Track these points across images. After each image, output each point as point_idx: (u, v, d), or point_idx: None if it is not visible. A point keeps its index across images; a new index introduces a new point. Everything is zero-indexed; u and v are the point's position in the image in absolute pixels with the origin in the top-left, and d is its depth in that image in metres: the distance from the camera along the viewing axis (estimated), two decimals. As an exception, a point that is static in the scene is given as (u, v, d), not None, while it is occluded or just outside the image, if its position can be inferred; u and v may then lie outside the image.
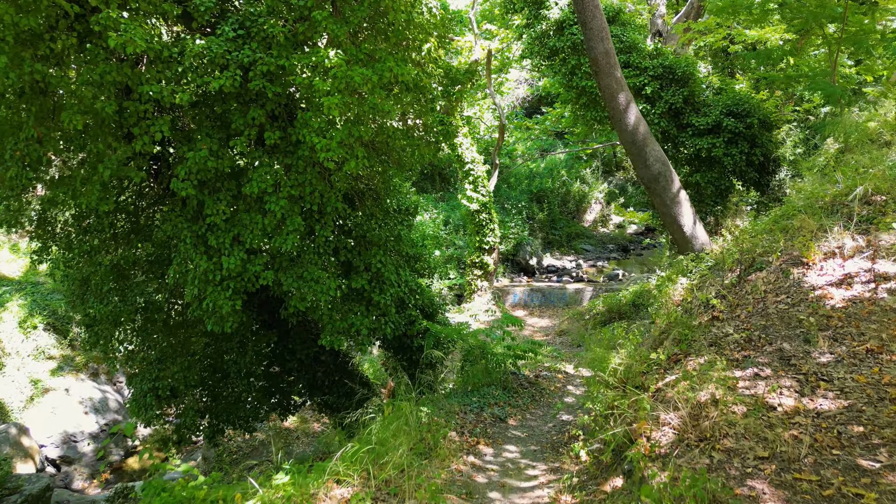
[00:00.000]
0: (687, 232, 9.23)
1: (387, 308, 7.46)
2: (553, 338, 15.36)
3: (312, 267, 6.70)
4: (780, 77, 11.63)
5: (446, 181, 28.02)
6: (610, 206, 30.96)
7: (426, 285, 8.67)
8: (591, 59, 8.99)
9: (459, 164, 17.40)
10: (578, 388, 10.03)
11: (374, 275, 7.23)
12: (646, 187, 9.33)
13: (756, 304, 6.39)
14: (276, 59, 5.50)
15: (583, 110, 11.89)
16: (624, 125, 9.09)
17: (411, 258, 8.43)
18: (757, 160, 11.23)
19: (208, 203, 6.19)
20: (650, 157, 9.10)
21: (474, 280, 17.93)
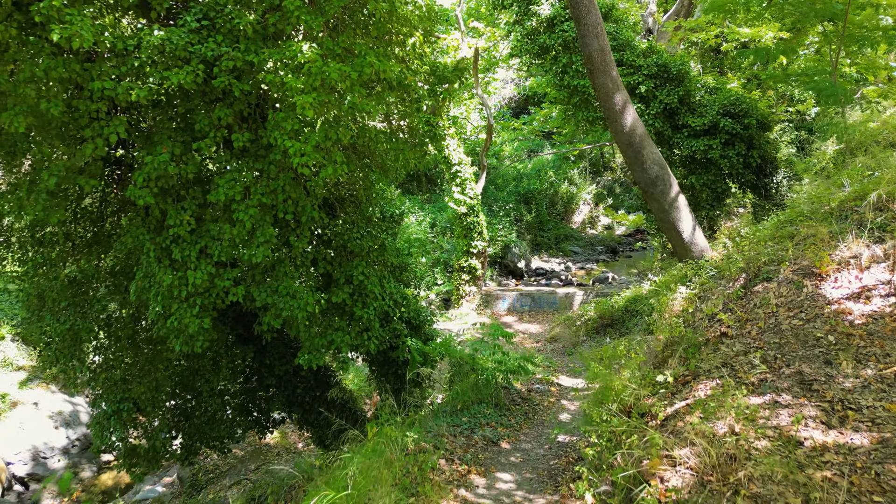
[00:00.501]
0: (686, 238, 8.80)
1: (370, 323, 6.92)
2: (543, 344, 14.90)
3: (289, 280, 6.15)
4: (778, 76, 11.26)
5: (433, 182, 27.50)
6: (598, 208, 30.64)
7: (413, 295, 8.15)
8: (586, 56, 8.52)
9: (446, 165, 16.89)
10: (573, 402, 9.57)
11: (355, 288, 6.70)
12: (643, 191, 8.88)
13: (767, 319, 5.95)
14: (244, 54, 4.95)
15: (574, 110, 11.43)
16: (620, 126, 8.64)
17: (396, 268, 7.90)
18: (754, 162, 10.84)
19: (171, 213, 5.62)
20: (647, 159, 8.65)
21: (462, 285, 17.43)
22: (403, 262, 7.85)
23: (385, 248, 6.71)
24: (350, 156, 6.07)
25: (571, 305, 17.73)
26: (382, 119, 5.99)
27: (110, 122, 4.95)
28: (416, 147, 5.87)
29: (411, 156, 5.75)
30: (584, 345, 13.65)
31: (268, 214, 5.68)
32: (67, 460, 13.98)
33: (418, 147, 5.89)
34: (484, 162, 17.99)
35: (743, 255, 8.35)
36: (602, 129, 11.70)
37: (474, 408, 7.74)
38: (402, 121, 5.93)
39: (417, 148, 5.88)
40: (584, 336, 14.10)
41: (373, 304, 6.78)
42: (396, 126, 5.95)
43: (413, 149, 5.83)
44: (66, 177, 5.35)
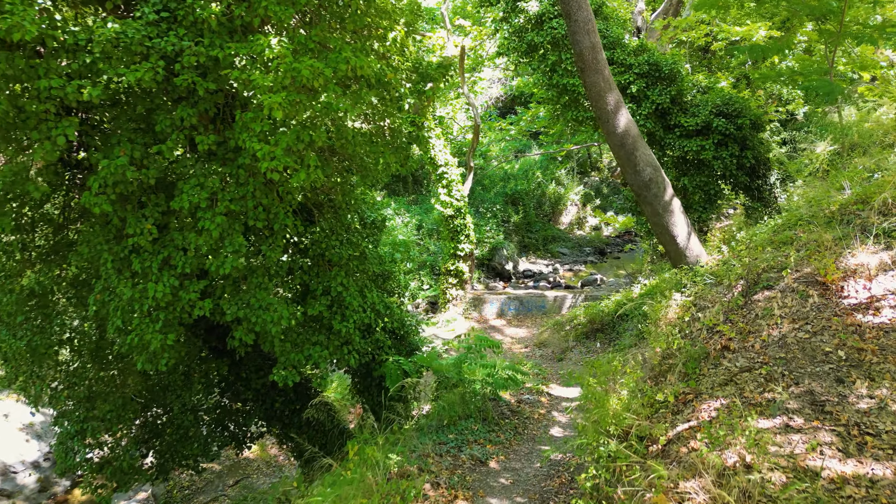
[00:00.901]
0: (680, 243, 8.48)
1: (350, 336, 6.51)
2: (532, 350, 14.56)
3: (261, 292, 5.73)
4: (771, 74, 11.00)
5: (419, 183, 27.09)
6: (586, 208, 30.41)
7: (397, 304, 7.74)
8: (576, 53, 8.17)
9: (432, 166, 16.50)
10: (564, 413, 9.22)
11: (334, 299, 6.28)
12: (635, 194, 8.55)
13: (771, 331, 5.63)
14: (208, 49, 4.52)
15: (563, 110, 11.09)
16: (612, 127, 8.29)
17: (379, 276, 7.49)
18: (748, 163, 10.57)
19: (131, 221, 5.17)
20: (641, 161, 8.31)
21: (449, 289, 17.04)
22: (387, 270, 7.44)
23: (366, 257, 6.30)
24: (328, 159, 5.65)
25: (560, 309, 17.42)
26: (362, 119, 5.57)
27: (59, 123, 4.50)
28: (399, 149, 5.47)
29: (392, 159, 5.34)
30: (574, 351, 13.34)
31: (237, 222, 5.25)
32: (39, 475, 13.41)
33: (401, 149, 5.48)
34: (471, 163, 17.63)
35: (741, 262, 8.05)
36: (591, 129, 11.38)
37: (461, 423, 7.36)
38: (382, 121, 5.52)
39: (400, 150, 5.47)
40: (574, 341, 13.78)
41: (352, 316, 6.37)
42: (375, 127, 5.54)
43: (395, 151, 5.42)
44: (14, 182, 4.88)
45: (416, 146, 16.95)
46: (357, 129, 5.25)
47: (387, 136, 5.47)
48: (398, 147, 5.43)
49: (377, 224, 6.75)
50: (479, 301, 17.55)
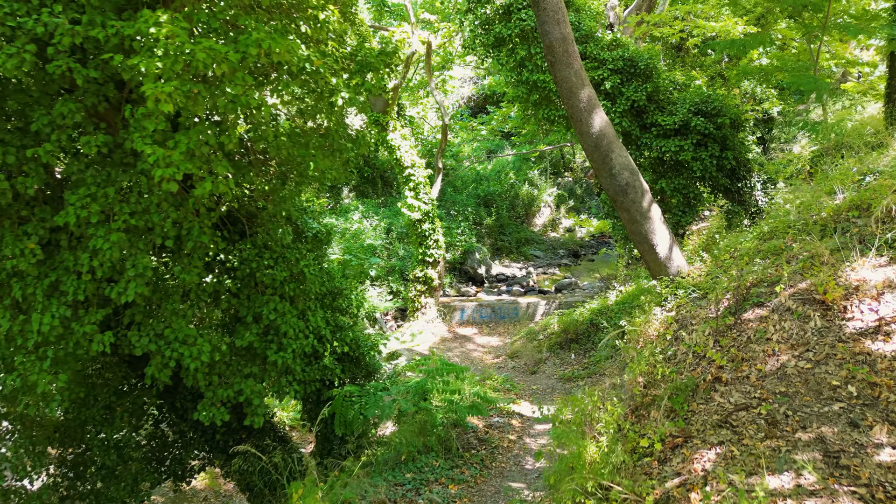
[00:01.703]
0: (660, 253, 7.79)
1: (289, 366, 5.65)
2: (504, 360, 13.82)
3: (179, 321, 4.84)
4: (751, 70, 10.43)
5: (389, 185, 26.21)
6: (560, 210, 29.86)
7: (349, 324, 6.90)
8: (546, 46, 7.43)
9: (398, 168, 15.66)
10: (537, 437, 8.48)
11: (269, 326, 5.42)
12: (611, 199, 7.84)
13: (767, 358, 4.94)
14: (87, 28, 3.63)
15: (534, 109, 10.36)
16: (586, 127, 7.57)
17: (328, 294, 6.65)
18: (728, 164, 9.97)
19: (9, 239, 4.24)
20: (616, 164, 7.61)
21: (418, 296, 16.22)
22: (336, 288, 6.61)
23: (305, 277, 5.46)
24: (255, 163, 4.80)
25: (534, 316, 16.74)
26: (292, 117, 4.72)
27: None
28: (335, 152, 4.63)
29: (327, 164, 4.50)
30: (548, 363, 12.64)
31: (141, 240, 4.36)
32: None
33: (338, 153, 4.65)
34: (439, 164, 16.84)
35: (726, 273, 7.37)
36: (564, 129, 10.67)
37: (421, 459, 6.55)
38: (312, 119, 4.68)
39: (336, 154, 4.64)
40: (548, 352, 13.10)
41: (291, 345, 5.52)
42: (304, 125, 4.68)
43: (330, 154, 4.59)
44: None
45: (358, 151, 16.15)
46: (283, 129, 4.39)
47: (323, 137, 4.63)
48: (334, 149, 4.60)
49: (321, 237, 5.90)
50: (449, 309, 16.77)
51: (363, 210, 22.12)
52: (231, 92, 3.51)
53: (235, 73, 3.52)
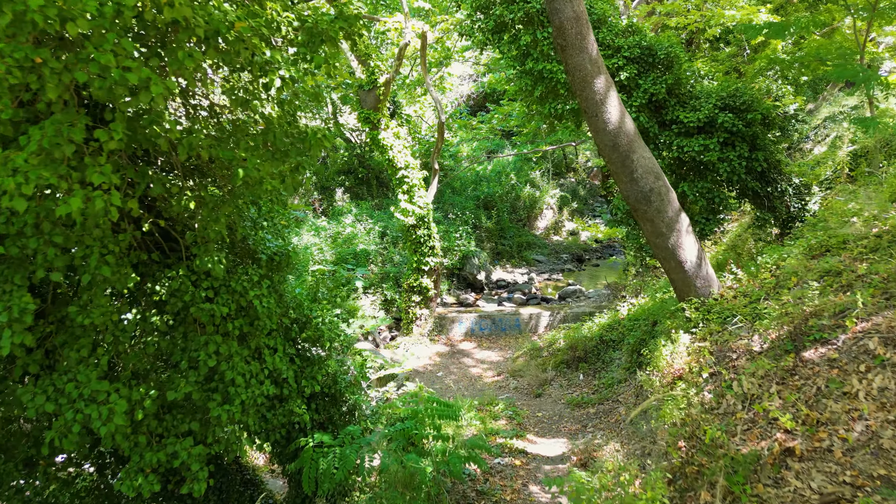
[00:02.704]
0: (689, 270, 6.65)
1: (238, 419, 4.52)
2: (506, 379, 12.68)
3: (88, 371, 3.72)
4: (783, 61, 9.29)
5: (384, 186, 25.06)
6: (562, 212, 28.72)
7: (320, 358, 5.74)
8: (556, 27, 6.29)
9: (391, 170, 14.52)
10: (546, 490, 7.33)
11: (212, 372, 4.29)
12: (632, 208, 6.70)
13: (852, 423, 3.81)
14: None
15: (539, 103, 9.23)
16: (602, 122, 6.43)
17: (294, 323, 5.51)
18: (759, 166, 8.82)
19: None
20: (638, 167, 6.47)
21: (412, 307, 15.08)
22: (304, 317, 5.47)
23: (256, 312, 4.33)
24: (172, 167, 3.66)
25: (537, 328, 15.60)
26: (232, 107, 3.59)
27: None
28: (277, 156, 3.49)
29: (266, 170, 3.35)
30: (554, 384, 11.50)
31: (18, 272, 3.23)
32: None
33: (281, 155, 3.51)
34: (435, 165, 15.69)
35: (771, 296, 6.22)
36: (573, 126, 9.53)
37: (407, 526, 5.42)
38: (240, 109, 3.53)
39: (280, 157, 3.50)
40: (553, 370, 11.96)
41: (241, 394, 4.38)
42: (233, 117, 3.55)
43: (271, 159, 3.45)
44: None
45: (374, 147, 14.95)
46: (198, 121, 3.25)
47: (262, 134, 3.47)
48: (278, 151, 3.47)
49: (278, 259, 4.76)
50: (446, 321, 15.62)
51: (356, 213, 20.99)
52: (97, 57, 2.38)
53: (104, 34, 2.40)
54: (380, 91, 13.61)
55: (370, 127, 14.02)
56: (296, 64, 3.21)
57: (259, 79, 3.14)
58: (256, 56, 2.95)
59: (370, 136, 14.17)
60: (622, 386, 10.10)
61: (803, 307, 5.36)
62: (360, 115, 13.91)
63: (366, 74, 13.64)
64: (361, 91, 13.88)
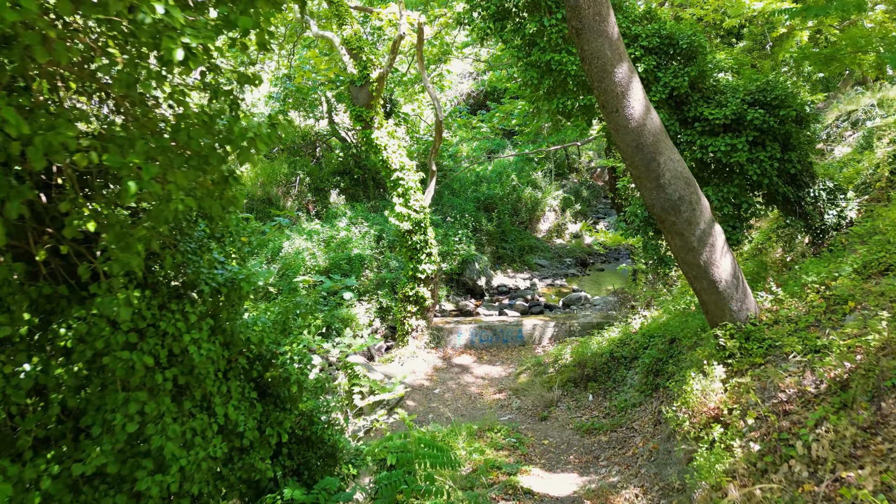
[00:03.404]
0: (724, 291, 5.71)
1: (175, 489, 3.58)
2: (508, 398, 11.75)
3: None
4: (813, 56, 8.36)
5: (381, 187, 24.12)
6: (565, 214, 27.80)
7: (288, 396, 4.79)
8: (570, 7, 5.37)
9: (385, 171, 13.59)
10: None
11: (130, 439, 3.36)
12: (657, 218, 5.77)
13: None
14: None
15: (546, 99, 8.30)
16: (624, 118, 5.50)
17: (256, 360, 4.58)
18: (793, 169, 7.90)
19: None
20: (666, 171, 5.53)
21: (408, 318, 14.15)
22: (269, 353, 4.55)
23: (192, 360, 3.39)
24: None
25: (540, 340, 14.67)
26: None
27: None
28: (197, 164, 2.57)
29: (181, 181, 2.45)
30: (561, 405, 10.56)
31: None
32: None
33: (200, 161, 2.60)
34: (432, 166, 14.76)
35: (824, 322, 5.29)
36: (584, 123, 8.59)
37: None
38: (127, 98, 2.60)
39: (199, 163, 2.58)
40: (560, 389, 11.02)
41: (179, 460, 3.45)
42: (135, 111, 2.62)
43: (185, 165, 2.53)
44: None
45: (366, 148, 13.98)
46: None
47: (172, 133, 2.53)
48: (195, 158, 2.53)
49: (226, 292, 3.79)
50: (443, 332, 14.68)
51: (351, 216, 20.06)
52: None
53: None
54: (373, 87, 12.68)
55: (363, 125, 13.09)
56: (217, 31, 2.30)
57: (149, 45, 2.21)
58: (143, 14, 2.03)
59: (363, 135, 13.25)
60: (637, 411, 9.17)
61: (869, 340, 4.43)
62: (352, 112, 12.98)
63: (357, 69, 12.71)
64: (353, 87, 12.95)
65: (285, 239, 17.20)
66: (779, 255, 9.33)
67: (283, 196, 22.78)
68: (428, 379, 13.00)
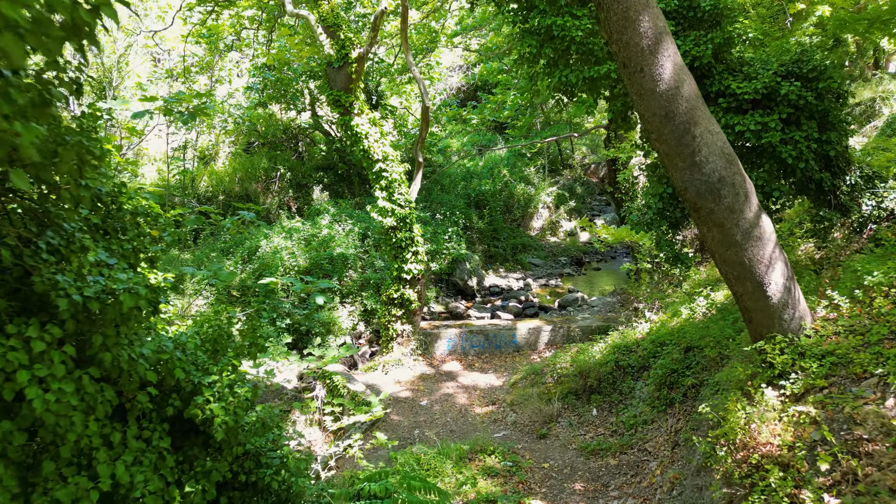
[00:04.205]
0: (773, 296, 4.60)
1: None
2: (501, 411, 10.62)
3: None
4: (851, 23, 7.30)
5: (367, 183, 22.89)
6: (559, 211, 26.72)
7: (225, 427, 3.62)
8: (582, -63, 4.26)
9: (366, 162, 12.41)
10: None
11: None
12: (690, 204, 4.65)
13: None
14: None
15: (546, 73, 7.18)
16: (651, 79, 4.37)
17: (175, 393, 3.44)
18: (832, 151, 6.83)
19: None
20: (703, 146, 4.42)
21: (393, 323, 12.99)
22: (188, 383, 3.40)
23: (31, 410, 2.24)
24: None
25: (536, 345, 13.55)
26: None
27: None
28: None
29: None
30: (561, 421, 9.44)
31: None
32: None
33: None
34: (419, 157, 13.60)
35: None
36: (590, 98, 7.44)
37: None
38: None
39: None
40: (559, 402, 9.89)
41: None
42: None
43: None
44: None
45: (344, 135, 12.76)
46: None
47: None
48: None
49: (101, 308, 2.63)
50: (431, 337, 13.52)
51: (334, 212, 18.85)
52: None
53: None
54: (352, 69, 11.50)
55: (341, 111, 11.91)
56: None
57: None
58: None
59: (341, 122, 12.06)
60: (650, 430, 8.07)
61: None
62: (329, 96, 11.79)
63: (335, 49, 11.53)
64: (330, 69, 11.76)
65: (262, 237, 16.00)
66: (809, 251, 8.27)
67: (263, 192, 21.55)
68: (414, 389, 11.86)
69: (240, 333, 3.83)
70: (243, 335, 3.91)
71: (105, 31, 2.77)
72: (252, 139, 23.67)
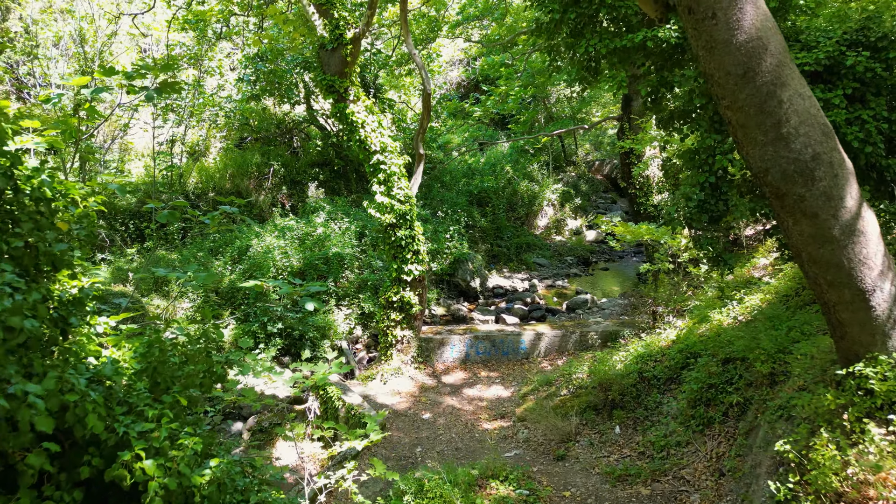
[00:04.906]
0: (877, 306, 3.64)
1: None
2: (511, 427, 9.64)
3: None
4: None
5: (365, 180, 21.88)
6: (564, 208, 25.75)
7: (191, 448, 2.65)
8: None
9: (363, 154, 11.42)
10: None
11: None
12: (771, 190, 3.68)
13: None
14: None
15: (570, 45, 6.21)
16: (726, 26, 3.39)
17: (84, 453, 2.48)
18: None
19: None
20: (792, 114, 3.45)
21: (392, 328, 12.00)
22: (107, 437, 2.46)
23: None
24: None
25: (547, 352, 12.54)
26: None
27: None
28: None
29: None
30: (581, 440, 8.46)
31: None
32: None
33: None
34: (420, 149, 12.61)
35: None
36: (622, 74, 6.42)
37: None
38: None
39: None
40: (577, 417, 8.91)
41: None
42: None
43: None
44: None
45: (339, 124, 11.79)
46: None
47: None
48: None
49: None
50: (434, 343, 12.54)
51: (330, 210, 17.88)
52: None
53: None
54: (347, 51, 10.52)
55: (335, 98, 10.91)
56: None
57: None
58: None
59: (335, 109, 11.06)
60: (685, 452, 7.10)
61: None
62: (322, 81, 10.80)
63: (328, 30, 10.54)
64: (323, 51, 10.77)
65: (253, 236, 15.02)
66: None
67: (255, 189, 20.54)
68: (415, 401, 10.88)
69: (188, 358, 2.85)
70: (194, 360, 2.92)
71: None
72: (244, 134, 22.65)
